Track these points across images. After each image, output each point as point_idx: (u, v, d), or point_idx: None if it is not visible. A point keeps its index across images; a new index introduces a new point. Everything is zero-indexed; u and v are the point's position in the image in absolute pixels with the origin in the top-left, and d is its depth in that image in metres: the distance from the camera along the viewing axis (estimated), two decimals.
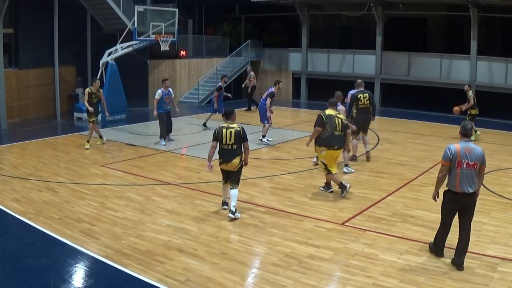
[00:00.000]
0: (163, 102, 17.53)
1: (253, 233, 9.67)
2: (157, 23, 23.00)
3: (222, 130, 10.45)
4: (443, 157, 8.23)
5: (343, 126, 11.92)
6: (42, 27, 23.20)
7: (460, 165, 8.02)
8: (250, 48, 33.02)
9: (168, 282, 7.58)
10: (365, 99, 14.98)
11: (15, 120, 22.03)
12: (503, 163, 15.56)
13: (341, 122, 11.90)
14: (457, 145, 8.17)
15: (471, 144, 8.21)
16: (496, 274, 7.88)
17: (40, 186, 12.63)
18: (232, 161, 10.42)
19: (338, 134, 11.84)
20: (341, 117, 12.09)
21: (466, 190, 8.04)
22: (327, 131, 11.81)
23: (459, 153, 8.05)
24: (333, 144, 11.79)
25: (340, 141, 11.87)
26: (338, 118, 11.94)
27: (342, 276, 7.91)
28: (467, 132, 8.29)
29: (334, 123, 11.82)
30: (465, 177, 8.02)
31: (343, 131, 11.90)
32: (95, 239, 9.29)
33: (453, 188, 8.11)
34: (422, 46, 30.43)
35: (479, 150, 8.14)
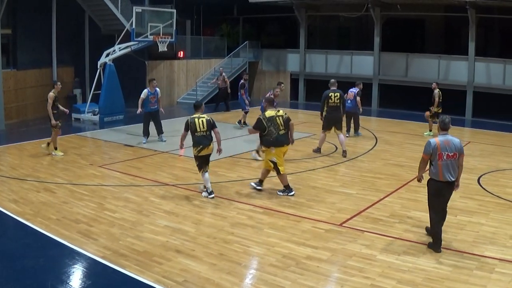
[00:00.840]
0: (148, 102, 17.75)
1: (251, 234, 9.67)
2: (155, 24, 22.99)
3: (194, 120, 11.74)
4: (424, 151, 8.98)
5: (285, 123, 12.03)
6: (40, 28, 23.21)
7: (441, 157, 8.73)
8: (248, 49, 33.02)
9: (166, 283, 7.58)
10: (335, 98, 16.17)
11: (13, 121, 22.00)
12: (501, 164, 15.58)
13: (282, 120, 11.97)
14: (437, 139, 8.88)
15: (449, 136, 8.90)
16: (494, 275, 7.88)
17: (38, 187, 12.62)
18: (210, 145, 11.87)
19: (284, 133, 11.98)
20: (281, 114, 12.12)
21: (448, 178, 8.78)
22: (272, 133, 11.81)
23: (439, 146, 8.75)
24: (283, 143, 11.99)
25: (283, 137, 12.00)
26: (278, 117, 11.99)
27: (340, 277, 7.91)
28: (445, 126, 8.94)
29: (277, 123, 11.88)
30: (446, 167, 8.75)
31: (286, 128, 12.04)
32: (93, 240, 9.29)
33: (437, 177, 8.82)
34: (420, 47, 30.45)
35: (457, 141, 8.89)
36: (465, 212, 10.91)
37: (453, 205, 11.19)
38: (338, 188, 12.89)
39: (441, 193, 8.90)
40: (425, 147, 8.94)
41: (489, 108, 24.86)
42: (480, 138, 20.36)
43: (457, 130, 21.51)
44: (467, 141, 19.42)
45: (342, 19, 31.84)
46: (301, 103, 31.59)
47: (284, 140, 12.03)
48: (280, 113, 12.11)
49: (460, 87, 26.15)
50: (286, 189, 12.17)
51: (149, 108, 17.82)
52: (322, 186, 13.01)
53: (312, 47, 32.58)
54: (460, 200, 11.72)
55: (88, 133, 20.97)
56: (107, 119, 22.65)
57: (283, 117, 12.04)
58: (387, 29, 29.34)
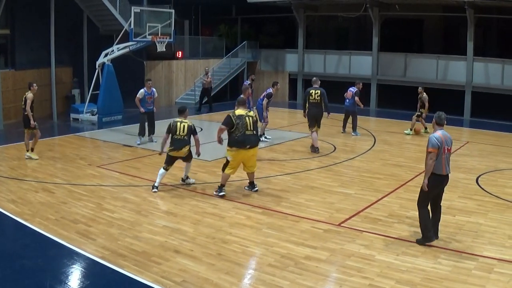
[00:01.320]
0: (145, 102, 17.74)
1: (250, 234, 9.66)
2: (153, 24, 22.99)
3: (176, 123, 12.38)
4: (431, 145, 8.91)
5: (254, 124, 11.90)
6: (38, 28, 23.16)
7: (444, 151, 8.95)
8: (247, 49, 33.04)
9: (165, 283, 7.57)
10: (316, 95, 16.75)
11: (11, 121, 21.97)
12: (500, 164, 15.59)
13: (252, 121, 11.83)
14: (439, 133, 9.03)
15: (444, 131, 9.14)
16: (493, 275, 7.88)
17: (37, 187, 12.61)
18: (182, 149, 12.37)
19: (250, 133, 11.74)
20: (252, 115, 12.01)
21: (448, 171, 9.11)
22: (239, 132, 11.64)
23: (443, 141, 8.96)
24: (245, 143, 11.67)
25: (252, 140, 11.79)
26: (249, 117, 11.83)
27: (339, 277, 7.90)
28: (442, 121, 9.16)
29: (245, 123, 11.68)
30: (446, 161, 9.01)
31: (255, 129, 11.91)
32: (92, 240, 9.28)
33: (440, 171, 8.97)
34: (419, 47, 30.48)
35: (450, 136, 9.23)
36: (464, 212, 10.92)
37: (452, 205, 11.23)
38: (336, 188, 12.89)
39: (439, 186, 9.16)
40: (431, 142, 8.88)
41: (487, 108, 24.89)
42: (479, 138, 20.38)
43: (455, 130, 21.55)
44: (466, 141, 19.45)
45: (341, 19, 31.84)
46: (300, 103, 31.49)
47: (247, 141, 11.69)
48: (251, 114, 12.02)
49: (458, 87, 26.19)
50: (220, 188, 12.08)
51: (145, 108, 17.79)
52: (320, 186, 13.01)
53: (311, 47, 32.59)
54: (459, 200, 11.74)
55: (87, 133, 20.95)
56: (105, 119, 22.63)
57: (253, 118, 11.94)
58: (386, 29, 29.36)
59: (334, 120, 23.50)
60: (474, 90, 25.76)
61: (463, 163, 15.48)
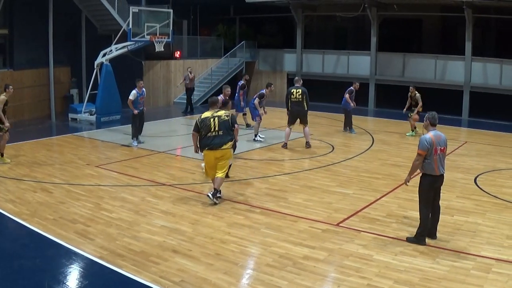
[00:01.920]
0: (137, 103, 17.57)
1: (248, 234, 9.67)
2: (151, 24, 22.96)
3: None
4: (421, 147, 9.06)
5: (220, 125, 11.25)
6: (37, 28, 23.15)
7: (436, 151, 9.00)
8: (245, 49, 33.02)
9: (163, 283, 7.57)
10: (297, 94, 17.26)
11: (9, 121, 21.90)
12: (498, 164, 15.60)
13: (218, 122, 11.24)
14: (431, 134, 9.09)
15: (438, 131, 9.18)
16: (491, 275, 7.89)
17: (35, 187, 12.61)
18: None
19: (213, 135, 11.22)
20: (219, 114, 11.36)
21: (442, 172, 9.15)
22: (202, 134, 11.39)
23: (434, 142, 9.00)
24: (206, 145, 11.30)
25: (215, 141, 11.21)
26: (214, 118, 11.30)
27: (337, 277, 7.91)
28: (435, 121, 9.21)
29: (208, 125, 11.23)
30: (439, 161, 9.05)
31: (221, 130, 11.24)
32: (90, 240, 9.28)
33: (433, 172, 9.07)
34: (417, 47, 30.51)
35: (444, 136, 9.25)
36: (462, 212, 10.93)
37: (450, 205, 11.24)
38: (335, 188, 12.90)
39: (434, 186, 9.20)
40: (421, 144, 9.04)
41: (485, 108, 24.91)
42: (477, 138, 20.40)
43: (453, 130, 21.59)
44: (464, 141, 19.47)
45: (339, 19, 31.80)
46: None
47: (210, 144, 11.26)
48: (219, 114, 11.40)
49: (457, 87, 26.21)
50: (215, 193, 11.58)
51: (137, 108, 17.60)
52: (319, 186, 13.01)
53: (309, 47, 32.58)
54: (457, 200, 11.75)
55: (85, 133, 20.94)
56: (104, 119, 22.61)
57: (220, 117, 11.31)
58: (384, 29, 29.38)
59: (332, 119, 23.58)
60: (472, 90, 25.77)
61: (461, 163, 15.50)
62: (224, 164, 11.51)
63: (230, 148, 11.48)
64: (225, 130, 11.32)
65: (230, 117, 11.46)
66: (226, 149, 11.34)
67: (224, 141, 11.27)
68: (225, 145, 11.28)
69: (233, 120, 11.51)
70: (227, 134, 11.33)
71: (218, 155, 11.34)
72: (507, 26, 26.19)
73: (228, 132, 11.36)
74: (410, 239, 9.26)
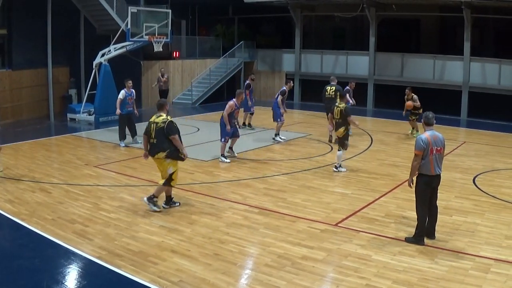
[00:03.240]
0: (126, 103, 17.40)
1: (246, 234, 9.67)
2: (150, 24, 22.95)
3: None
4: (417, 147, 9.05)
5: (156, 132, 10.70)
6: (35, 28, 23.15)
7: (432, 152, 9.01)
8: (244, 49, 33.03)
9: (161, 283, 7.57)
10: (331, 91, 18.83)
11: (8, 121, 21.96)
12: (497, 164, 15.61)
13: (155, 128, 10.70)
14: (427, 134, 9.11)
15: (435, 131, 9.19)
16: (489, 275, 7.89)
17: (34, 187, 12.60)
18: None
19: (151, 142, 10.78)
20: (157, 121, 10.74)
21: (438, 172, 9.16)
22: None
23: (430, 142, 9.02)
24: (149, 151, 10.91)
25: (151, 148, 10.81)
26: (153, 123, 10.79)
27: (335, 277, 7.91)
28: (430, 121, 9.23)
29: (149, 130, 10.81)
30: (435, 161, 9.06)
31: (156, 137, 10.69)
32: (88, 240, 9.28)
33: (429, 172, 9.08)
34: (415, 47, 30.52)
35: (441, 136, 9.24)
36: (461, 212, 10.93)
37: (449, 205, 11.24)
38: (333, 188, 12.91)
39: (431, 186, 9.20)
40: (417, 144, 9.06)
41: (484, 108, 24.92)
42: (476, 138, 20.40)
43: (452, 130, 21.61)
44: (462, 141, 19.47)
45: (338, 19, 31.83)
46: (296, 103, 31.59)
47: (150, 151, 10.87)
48: (157, 120, 10.80)
49: (455, 87, 26.22)
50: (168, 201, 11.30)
51: (125, 109, 17.41)
52: (317, 186, 13.01)
53: (308, 47, 32.57)
54: (456, 200, 11.75)
55: (84, 133, 20.93)
56: (102, 119, 22.60)
57: (156, 124, 10.71)
58: (383, 29, 29.38)
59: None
60: (471, 90, 25.79)
61: (460, 163, 15.50)
62: (163, 173, 10.94)
63: (163, 158, 10.74)
64: (160, 138, 10.68)
65: (166, 125, 10.68)
66: (158, 158, 10.79)
67: (156, 150, 10.74)
68: (157, 155, 10.74)
69: (168, 129, 10.66)
70: (161, 142, 10.67)
71: (156, 162, 11.01)
72: (505, 26, 26.21)
73: (163, 141, 10.67)
74: (409, 239, 9.27)
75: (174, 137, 10.67)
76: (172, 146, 10.68)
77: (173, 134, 10.67)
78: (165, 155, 10.67)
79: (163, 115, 10.90)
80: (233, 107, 15.24)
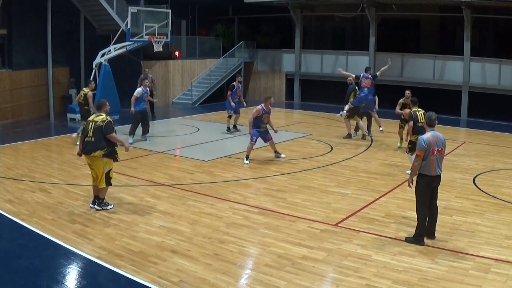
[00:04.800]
0: (142, 100, 17.94)
1: (246, 234, 9.67)
2: (150, 24, 22.97)
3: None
4: (419, 148, 9.10)
5: (94, 130, 10.77)
6: (35, 28, 23.16)
7: (433, 152, 9.04)
8: (244, 49, 33.01)
9: (161, 283, 7.57)
10: None
11: (8, 121, 21.97)
12: (497, 164, 15.61)
13: (93, 126, 10.79)
14: (428, 135, 9.16)
15: (436, 132, 9.26)
16: (490, 275, 7.89)
17: (33, 187, 12.60)
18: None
19: (87, 140, 10.81)
20: (96, 119, 10.88)
21: (438, 172, 9.20)
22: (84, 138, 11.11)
23: (431, 142, 9.05)
24: (84, 149, 10.93)
25: (88, 147, 10.81)
26: (91, 123, 10.89)
27: (336, 277, 7.91)
28: (432, 122, 9.32)
29: (87, 129, 10.91)
30: (436, 162, 9.09)
31: (94, 136, 10.74)
32: (88, 240, 9.27)
33: (429, 172, 9.10)
34: (415, 47, 30.48)
35: (442, 137, 9.31)
36: (461, 212, 10.93)
37: (449, 205, 11.24)
38: (333, 188, 12.90)
39: (431, 186, 9.22)
40: (419, 144, 9.11)
41: (484, 108, 24.93)
42: (476, 138, 20.40)
43: (452, 130, 21.61)
44: (463, 141, 19.47)
45: (338, 19, 31.82)
46: (296, 103, 31.60)
47: (86, 149, 10.88)
48: (96, 119, 10.94)
49: (455, 87, 26.21)
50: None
51: (141, 106, 17.93)
52: (317, 186, 13.01)
53: (308, 47, 32.57)
54: (456, 200, 11.75)
55: None
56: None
57: (96, 123, 10.82)
58: (382, 29, 29.38)
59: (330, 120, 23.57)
60: (471, 90, 25.78)
61: (460, 163, 15.50)
62: (98, 172, 10.92)
63: (100, 157, 10.77)
64: (98, 136, 10.76)
65: (105, 124, 10.80)
66: (94, 156, 10.81)
67: (93, 148, 10.77)
68: (94, 153, 10.76)
69: (106, 128, 10.75)
70: (99, 141, 10.75)
71: (89, 161, 11.01)
72: (505, 26, 26.20)
73: (101, 140, 10.76)
74: (409, 239, 9.27)
75: (111, 135, 10.84)
76: (109, 146, 10.87)
77: (110, 133, 10.83)
78: (103, 154, 10.80)
79: (102, 114, 11.09)
80: (260, 111, 15.24)
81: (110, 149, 10.85)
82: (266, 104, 15.40)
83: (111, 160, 10.98)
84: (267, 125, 15.65)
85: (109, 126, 10.83)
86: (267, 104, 15.42)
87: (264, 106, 15.33)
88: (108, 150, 10.82)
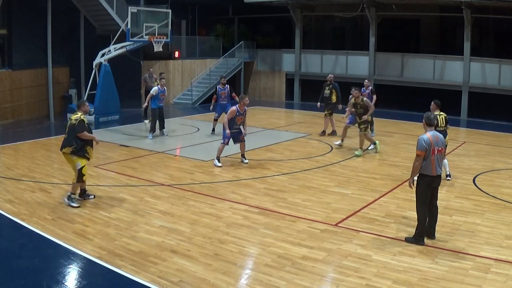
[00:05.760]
0: (158, 98, 18.68)
1: (246, 234, 9.66)
2: (150, 24, 22.95)
3: None
4: (419, 148, 9.10)
5: (68, 128, 11.19)
6: (35, 28, 23.16)
7: (434, 152, 9.06)
8: (244, 49, 33.03)
9: (161, 283, 7.57)
10: None
11: (8, 121, 21.97)
12: (497, 164, 15.60)
13: (68, 124, 11.21)
14: (428, 135, 9.17)
15: (435, 132, 9.32)
16: (489, 275, 7.89)
17: (33, 187, 12.60)
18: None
19: (64, 136, 11.34)
20: (71, 118, 11.21)
21: (439, 172, 9.21)
22: None
23: (432, 142, 9.07)
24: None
25: (62, 142, 11.30)
26: (69, 120, 11.29)
27: (336, 277, 7.91)
28: (432, 122, 9.32)
29: (66, 126, 11.39)
30: (436, 162, 9.11)
31: (67, 133, 11.18)
32: (88, 240, 9.27)
33: (430, 172, 9.09)
34: (415, 47, 30.48)
35: (442, 136, 9.38)
36: (461, 212, 10.92)
37: (449, 205, 11.24)
38: (333, 188, 12.89)
39: (431, 187, 9.22)
40: (419, 144, 9.11)
41: (484, 108, 24.93)
42: (476, 138, 20.40)
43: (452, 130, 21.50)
44: (463, 141, 19.47)
45: (338, 19, 31.85)
46: (296, 103, 31.61)
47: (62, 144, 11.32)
48: (72, 117, 11.29)
49: (455, 87, 26.21)
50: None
51: (158, 104, 18.79)
52: (317, 186, 13.01)
53: (308, 47, 32.59)
54: (456, 200, 11.75)
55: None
56: (102, 119, 22.62)
57: (70, 121, 11.22)
58: (382, 29, 29.37)
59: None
60: (471, 90, 25.79)
61: (460, 163, 15.50)
62: (73, 168, 11.34)
63: (69, 154, 11.15)
64: (70, 134, 11.13)
65: (77, 122, 11.05)
66: (64, 153, 11.28)
67: (64, 144, 11.23)
68: (64, 149, 11.22)
69: (77, 126, 11.01)
70: (70, 138, 11.12)
71: (64, 157, 11.50)
72: (505, 26, 26.24)
73: (72, 137, 11.09)
74: (409, 239, 9.27)
75: (82, 133, 11.06)
76: (79, 145, 11.11)
77: (81, 131, 11.04)
78: (71, 151, 11.11)
79: (78, 113, 11.29)
80: (234, 113, 14.70)
81: (79, 147, 11.11)
82: (241, 105, 14.86)
83: (81, 158, 11.21)
84: (240, 126, 15.16)
85: (80, 124, 11.08)
86: (242, 105, 14.87)
87: (239, 107, 14.80)
88: (77, 148, 11.09)
